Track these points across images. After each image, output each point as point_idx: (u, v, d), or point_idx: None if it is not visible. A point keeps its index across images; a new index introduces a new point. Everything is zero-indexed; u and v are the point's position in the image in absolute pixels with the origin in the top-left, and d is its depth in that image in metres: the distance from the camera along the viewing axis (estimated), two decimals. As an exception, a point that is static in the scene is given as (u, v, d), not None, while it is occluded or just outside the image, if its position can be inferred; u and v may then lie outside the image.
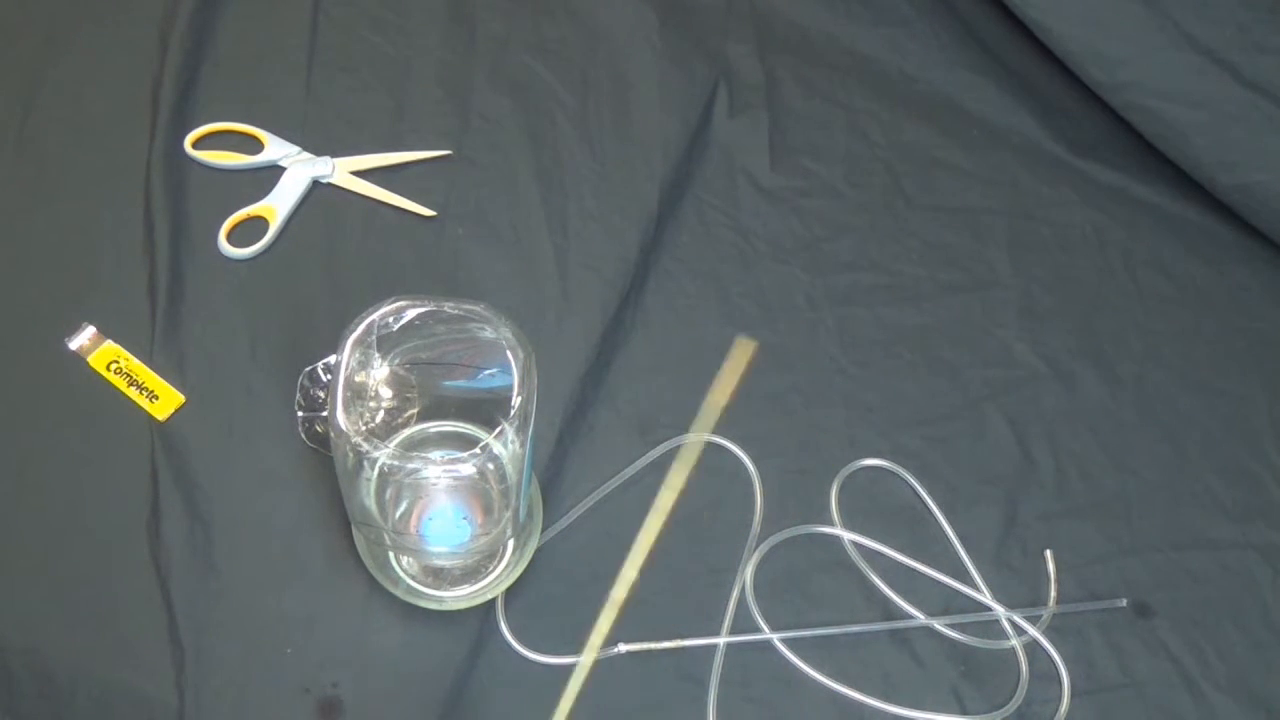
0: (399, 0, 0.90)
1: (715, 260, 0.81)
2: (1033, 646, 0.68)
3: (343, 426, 0.53)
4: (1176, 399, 0.78)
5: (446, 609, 0.64)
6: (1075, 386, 0.78)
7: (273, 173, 0.80)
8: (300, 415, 0.70)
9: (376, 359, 0.58)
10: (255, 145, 0.81)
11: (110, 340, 0.72)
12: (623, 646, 0.65)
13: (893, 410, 0.76)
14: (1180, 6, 0.80)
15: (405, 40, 0.88)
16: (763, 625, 0.67)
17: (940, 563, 0.70)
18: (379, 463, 0.54)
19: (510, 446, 0.55)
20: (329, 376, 0.69)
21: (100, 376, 0.71)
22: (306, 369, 0.71)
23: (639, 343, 0.77)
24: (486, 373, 0.58)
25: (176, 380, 0.71)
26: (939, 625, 0.68)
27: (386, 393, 0.60)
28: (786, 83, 0.90)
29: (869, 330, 0.79)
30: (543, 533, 0.68)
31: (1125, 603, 0.70)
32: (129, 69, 0.83)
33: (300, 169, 0.80)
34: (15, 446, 0.68)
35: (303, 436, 0.70)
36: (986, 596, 0.69)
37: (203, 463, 0.69)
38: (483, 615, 0.66)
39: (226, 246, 0.76)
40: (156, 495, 0.67)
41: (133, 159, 0.79)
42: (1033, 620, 0.68)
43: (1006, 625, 0.68)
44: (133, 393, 0.70)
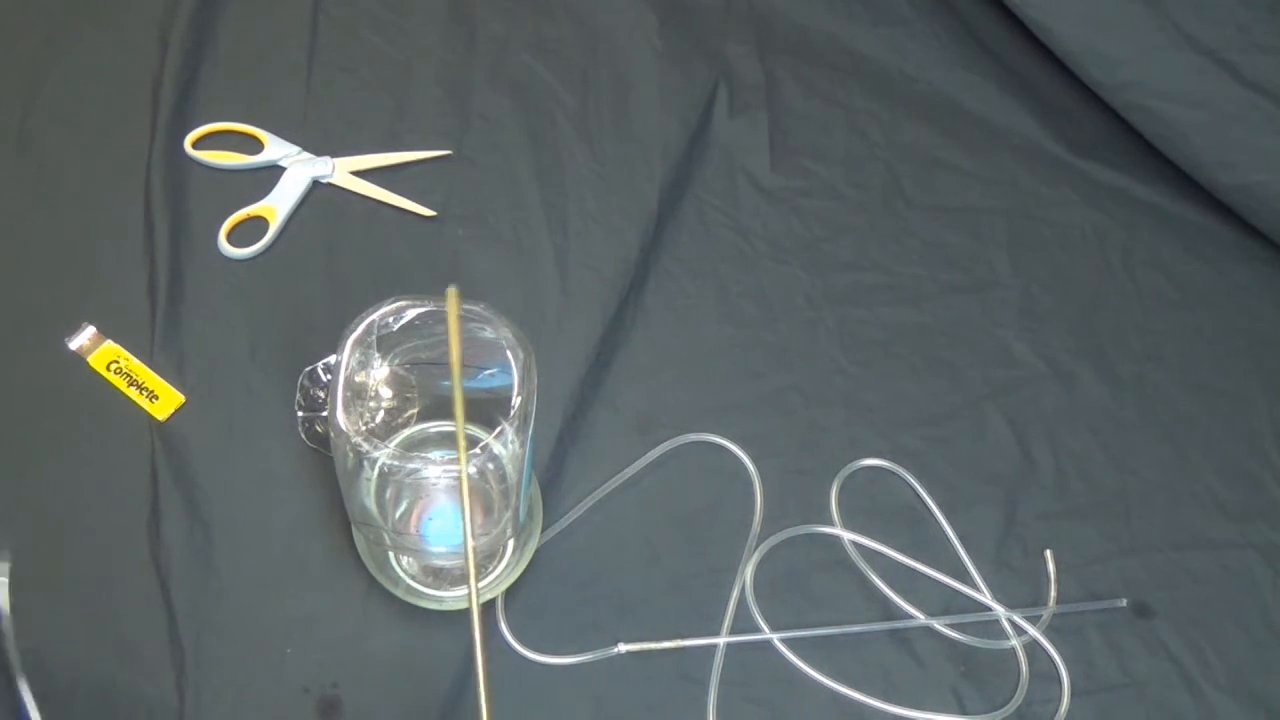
0: (399, 0, 0.90)
1: (715, 260, 0.81)
2: (1033, 646, 0.68)
3: (343, 426, 0.53)
4: (1176, 399, 0.78)
5: (446, 609, 0.64)
6: (1075, 386, 0.78)
7: (273, 173, 0.80)
8: (300, 415, 0.70)
9: (376, 359, 0.58)
10: (255, 145, 0.81)
11: (110, 340, 0.72)
12: (623, 646, 0.65)
13: (893, 410, 0.76)
14: (1180, 6, 0.80)
15: (405, 40, 0.88)
16: (763, 625, 0.67)
17: (940, 563, 0.70)
18: (379, 463, 0.54)
19: (510, 446, 0.55)
20: (329, 376, 0.69)
21: (100, 376, 0.71)
22: (306, 369, 0.71)
23: (639, 343, 0.77)
24: (486, 373, 0.58)
25: (176, 380, 0.71)
26: (939, 625, 0.68)
27: (386, 393, 0.60)
28: (786, 83, 0.90)
29: (869, 330, 0.79)
30: (543, 533, 0.68)
31: (1125, 603, 0.70)
32: (129, 69, 0.83)
33: (300, 169, 0.80)
34: (15, 446, 0.69)
35: (303, 436, 0.70)
36: (986, 596, 0.69)
37: (203, 463, 0.69)
38: (483, 615, 0.65)
39: (226, 246, 0.76)
40: (156, 495, 0.67)
41: (133, 159, 0.79)
42: (1033, 620, 0.68)
43: (1006, 625, 0.68)
44: (133, 393, 0.70)
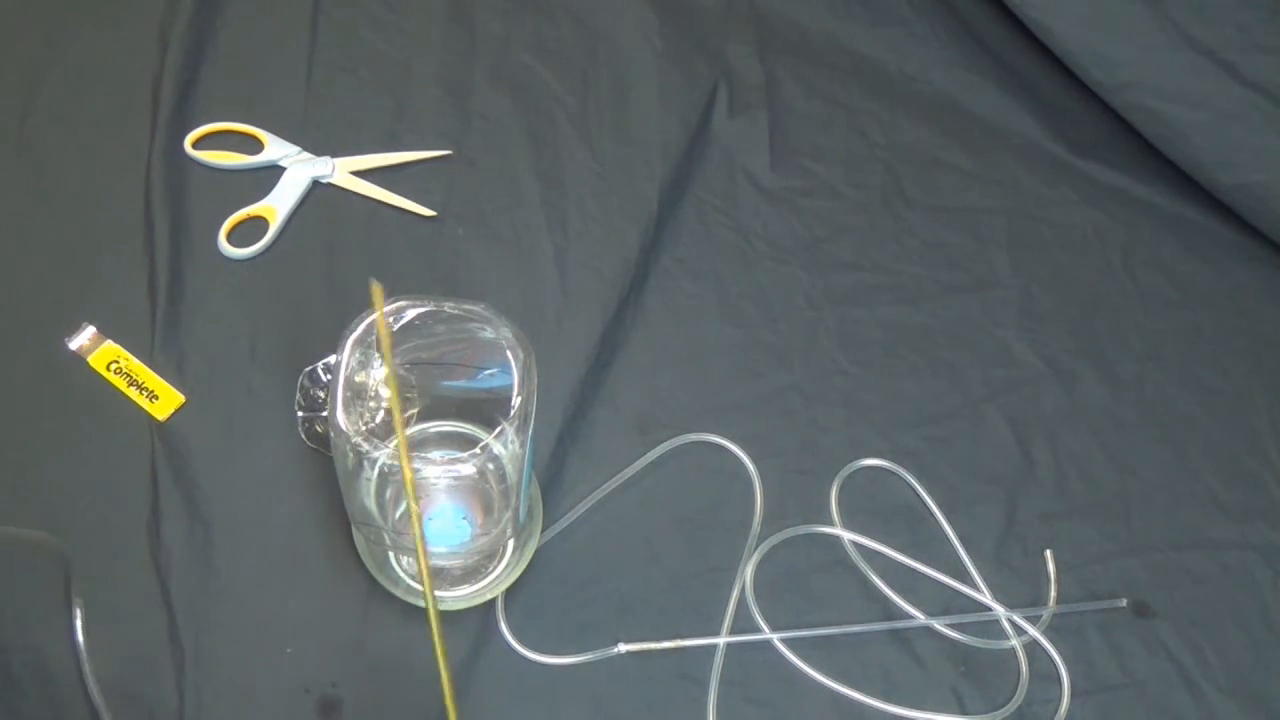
0: (399, 0, 0.90)
1: (715, 260, 0.81)
2: (1033, 646, 0.68)
3: (343, 426, 0.53)
4: (1176, 399, 0.78)
5: (446, 609, 0.64)
6: (1075, 386, 0.78)
7: (273, 173, 0.80)
8: (300, 415, 0.70)
9: (376, 359, 0.58)
10: (255, 145, 0.81)
11: (110, 340, 0.72)
12: (623, 646, 0.65)
13: (893, 410, 0.76)
14: (1180, 6, 0.80)
15: (405, 40, 0.88)
16: (763, 625, 0.67)
17: (940, 563, 0.70)
18: (379, 463, 0.54)
19: (510, 446, 0.55)
20: (329, 376, 0.69)
21: (100, 376, 0.71)
22: (306, 369, 0.71)
23: (639, 343, 0.77)
24: (486, 373, 0.58)
25: (176, 380, 0.71)
26: (939, 625, 0.68)
27: (386, 393, 0.60)
28: (786, 83, 0.90)
29: (869, 330, 0.79)
30: (543, 533, 0.68)
31: (1125, 603, 0.70)
32: (129, 69, 0.83)
33: (300, 169, 0.80)
34: (15, 447, 0.68)
35: (303, 436, 0.70)
36: (986, 596, 0.69)
37: (203, 463, 0.69)
38: (483, 615, 0.66)
39: (226, 246, 0.76)
40: (156, 495, 0.67)
41: (133, 159, 0.79)
42: (1033, 620, 0.68)
43: (1006, 625, 0.68)
44: (133, 393, 0.70)
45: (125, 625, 0.63)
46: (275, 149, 0.81)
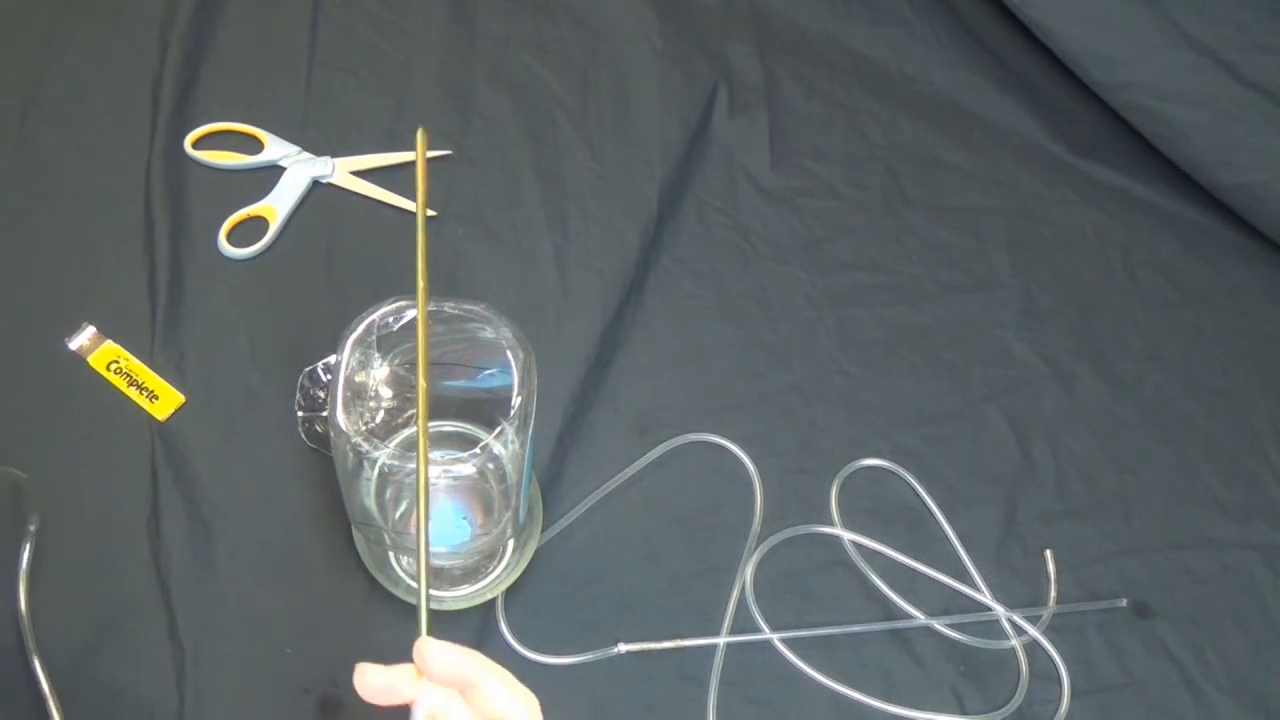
0: (399, 0, 0.90)
1: (715, 260, 0.81)
2: (1033, 646, 0.68)
3: (343, 426, 0.53)
4: (1176, 399, 0.78)
5: (446, 609, 0.64)
6: (1075, 386, 0.78)
7: (273, 173, 0.80)
8: (300, 415, 0.70)
9: (376, 359, 0.58)
10: (255, 145, 0.81)
11: (110, 340, 0.72)
12: (623, 646, 0.65)
13: (893, 410, 0.76)
14: (1180, 6, 0.80)
15: (405, 40, 0.88)
16: (763, 625, 0.67)
17: (940, 563, 0.70)
18: (379, 463, 0.54)
19: (510, 446, 0.55)
20: (329, 376, 0.69)
21: (100, 376, 0.71)
22: (306, 369, 0.71)
23: (639, 343, 0.77)
24: (486, 373, 0.58)
25: (176, 380, 0.71)
26: (939, 625, 0.68)
27: (386, 393, 0.60)
28: (786, 83, 0.90)
29: (869, 330, 0.79)
30: (543, 533, 0.68)
31: (1125, 603, 0.70)
32: (129, 69, 0.83)
33: (300, 169, 0.80)
34: (15, 446, 0.68)
35: (303, 436, 0.70)
36: (986, 596, 0.69)
37: (203, 463, 0.69)
38: (483, 615, 0.66)
39: (226, 246, 0.76)
40: (156, 495, 0.67)
41: (133, 159, 0.79)
42: (1033, 620, 0.68)
43: (1006, 625, 0.68)
44: (133, 393, 0.70)
45: (125, 625, 0.63)
46: (275, 149, 0.81)
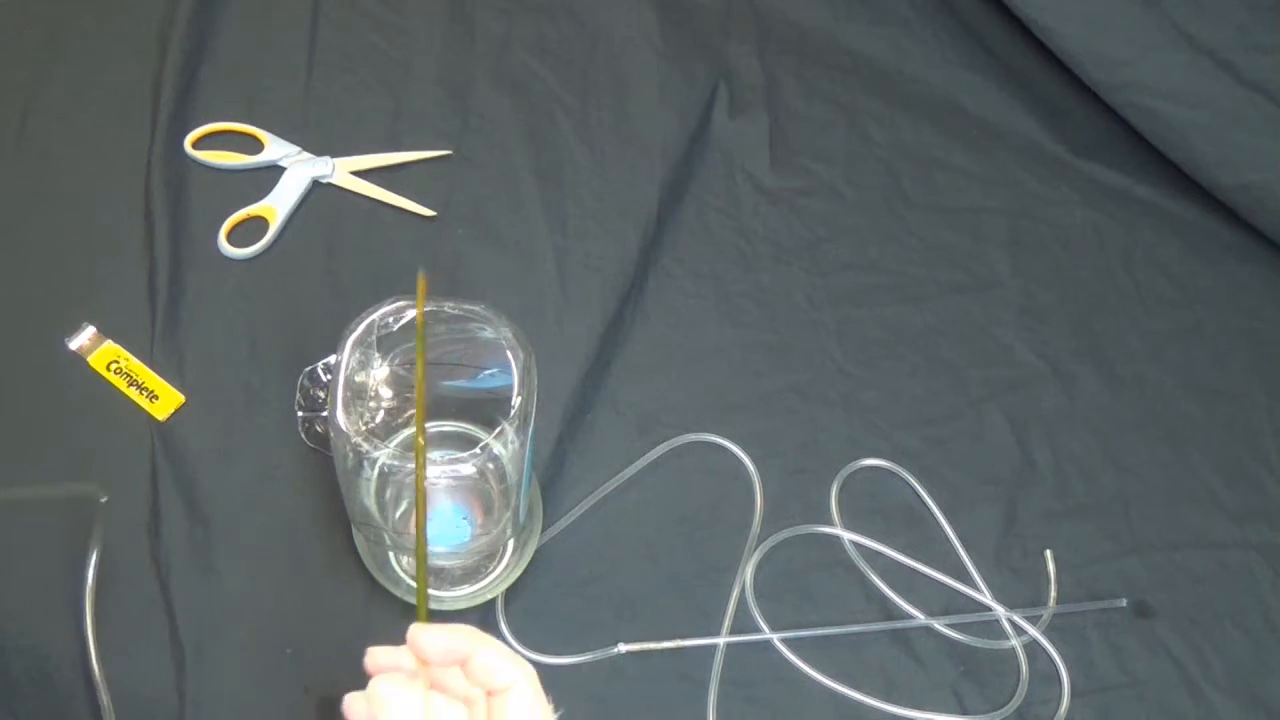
0: (399, 0, 0.90)
1: (715, 260, 0.81)
2: (1033, 646, 0.68)
3: (343, 426, 0.53)
4: (1176, 399, 0.78)
5: (446, 609, 0.64)
6: (1075, 386, 0.78)
7: (273, 173, 0.80)
8: (300, 415, 0.70)
9: (376, 359, 0.58)
10: (255, 145, 0.81)
11: (110, 340, 0.72)
12: (623, 646, 0.65)
13: (893, 410, 0.76)
14: (1180, 6, 0.81)
15: (405, 40, 0.88)
16: (763, 625, 0.67)
17: (940, 563, 0.70)
18: (379, 463, 0.54)
19: (510, 446, 0.55)
20: (329, 376, 0.69)
21: (100, 376, 0.71)
22: (306, 369, 0.71)
23: (639, 343, 0.77)
24: (486, 373, 0.58)
25: (176, 380, 0.71)
26: (939, 625, 0.68)
27: (386, 393, 0.60)
28: (786, 83, 0.90)
29: (869, 330, 0.79)
30: (543, 533, 0.68)
31: (1125, 603, 0.70)
32: (129, 69, 0.83)
33: (300, 169, 0.80)
34: (16, 447, 0.68)
35: (303, 436, 0.70)
36: (986, 596, 0.69)
37: (203, 463, 0.69)
38: (483, 615, 0.66)
39: (226, 246, 0.76)
40: (156, 495, 0.67)
41: (133, 159, 0.79)
42: (1033, 620, 0.68)
43: (1006, 625, 0.68)
44: (133, 393, 0.70)
45: (125, 625, 0.63)
46: (275, 149, 0.81)
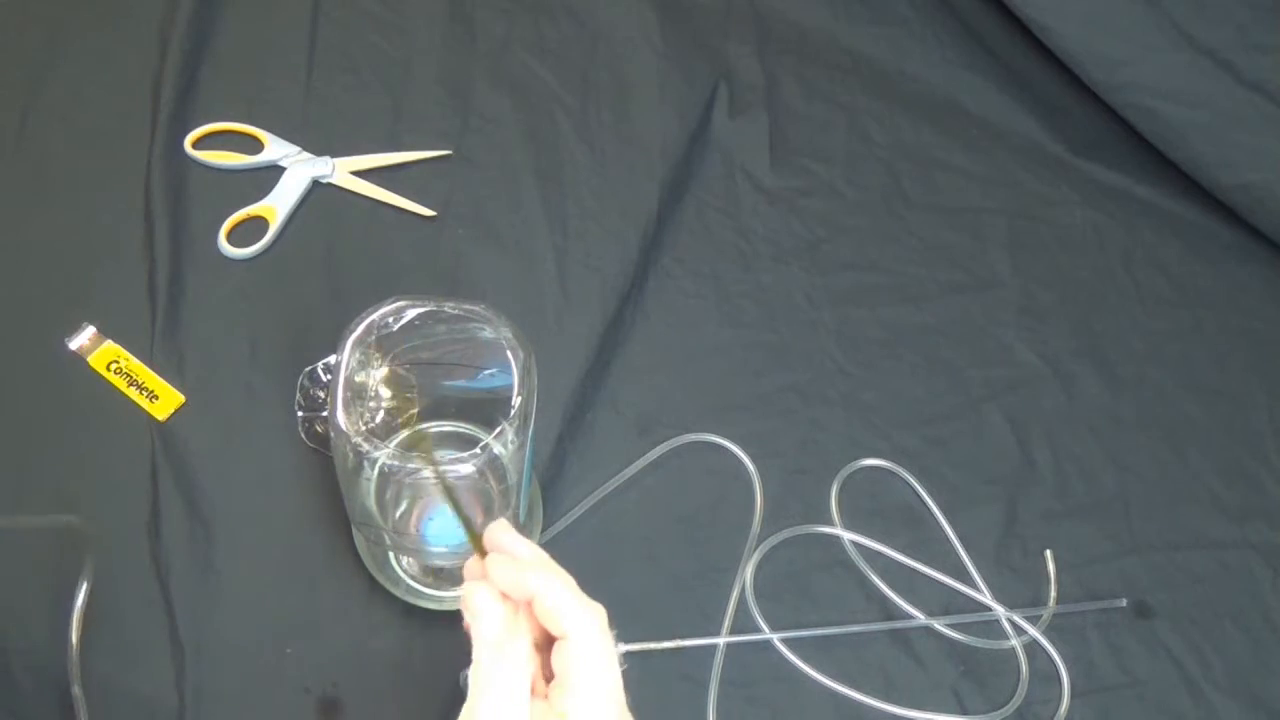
0: (399, 0, 0.90)
1: (715, 260, 0.81)
2: (1033, 646, 0.68)
3: (343, 426, 0.53)
4: (1176, 399, 0.78)
5: (446, 609, 0.64)
6: (1075, 386, 0.78)
7: (273, 173, 0.80)
8: (300, 415, 0.70)
9: (376, 359, 0.58)
10: (255, 145, 0.81)
11: (110, 340, 0.72)
12: (623, 646, 0.65)
13: (893, 410, 0.76)
14: (1180, 6, 0.80)
15: (405, 40, 0.88)
16: (763, 625, 0.67)
17: (940, 563, 0.70)
18: (379, 463, 0.54)
19: (510, 446, 0.55)
20: (329, 376, 0.69)
21: (100, 376, 0.71)
22: (306, 369, 0.71)
23: (639, 343, 0.77)
24: (486, 373, 0.58)
25: (176, 380, 0.71)
26: (939, 625, 0.68)
27: (386, 393, 0.61)
28: (786, 83, 0.90)
29: (869, 330, 0.79)
30: (543, 533, 0.68)
31: (1125, 603, 0.70)
32: (129, 69, 0.83)
33: (300, 169, 0.80)
34: (16, 447, 0.68)
35: (303, 436, 0.70)
36: (986, 596, 0.69)
37: (203, 463, 0.69)
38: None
39: (226, 246, 0.76)
40: (156, 495, 0.67)
41: (133, 159, 0.79)
42: (1033, 620, 0.68)
43: (1006, 625, 0.68)
44: (133, 393, 0.70)
45: (125, 625, 0.63)
46: (275, 149, 0.81)
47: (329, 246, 0.78)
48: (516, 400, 0.54)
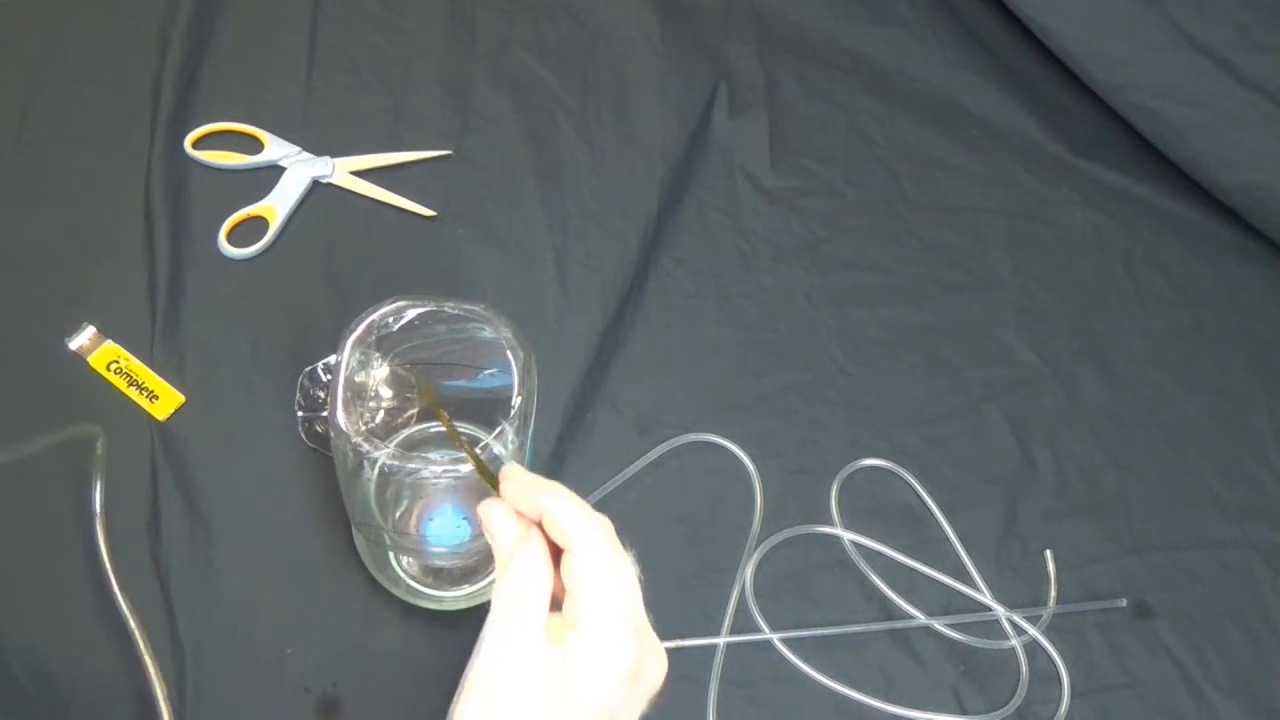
0: (399, 0, 0.90)
1: (715, 260, 0.81)
2: (1033, 646, 0.68)
3: (343, 426, 0.53)
4: (1176, 399, 0.78)
5: (446, 609, 0.64)
6: (1075, 386, 0.78)
7: (273, 173, 0.80)
8: (300, 415, 0.70)
9: (376, 359, 0.58)
10: (255, 145, 0.81)
11: (110, 340, 0.72)
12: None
13: (893, 410, 0.76)
14: (1180, 6, 0.81)
15: (405, 40, 0.88)
16: (763, 625, 0.67)
17: (940, 563, 0.70)
18: (379, 463, 0.54)
19: (510, 446, 0.55)
20: (329, 376, 0.69)
21: (100, 376, 0.71)
22: (306, 369, 0.71)
23: (639, 343, 0.77)
24: (486, 373, 0.58)
25: (176, 380, 0.71)
26: (939, 625, 0.68)
27: (386, 393, 0.61)
28: (786, 83, 0.90)
29: (869, 330, 0.79)
30: (543, 533, 0.68)
31: (1125, 603, 0.70)
32: (129, 69, 0.83)
33: (300, 169, 0.80)
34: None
35: (303, 436, 0.70)
36: (986, 596, 0.69)
37: (203, 463, 0.69)
38: (482, 615, 0.65)
39: (226, 246, 0.76)
40: (156, 495, 0.67)
41: (133, 159, 0.79)
42: (1033, 620, 0.68)
43: (1006, 625, 0.68)
44: (133, 393, 0.70)
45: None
46: (275, 149, 0.81)
47: (329, 246, 0.78)
48: (516, 400, 0.54)
